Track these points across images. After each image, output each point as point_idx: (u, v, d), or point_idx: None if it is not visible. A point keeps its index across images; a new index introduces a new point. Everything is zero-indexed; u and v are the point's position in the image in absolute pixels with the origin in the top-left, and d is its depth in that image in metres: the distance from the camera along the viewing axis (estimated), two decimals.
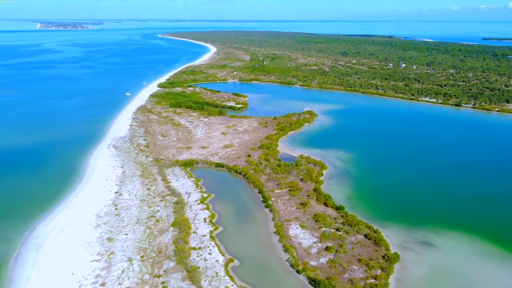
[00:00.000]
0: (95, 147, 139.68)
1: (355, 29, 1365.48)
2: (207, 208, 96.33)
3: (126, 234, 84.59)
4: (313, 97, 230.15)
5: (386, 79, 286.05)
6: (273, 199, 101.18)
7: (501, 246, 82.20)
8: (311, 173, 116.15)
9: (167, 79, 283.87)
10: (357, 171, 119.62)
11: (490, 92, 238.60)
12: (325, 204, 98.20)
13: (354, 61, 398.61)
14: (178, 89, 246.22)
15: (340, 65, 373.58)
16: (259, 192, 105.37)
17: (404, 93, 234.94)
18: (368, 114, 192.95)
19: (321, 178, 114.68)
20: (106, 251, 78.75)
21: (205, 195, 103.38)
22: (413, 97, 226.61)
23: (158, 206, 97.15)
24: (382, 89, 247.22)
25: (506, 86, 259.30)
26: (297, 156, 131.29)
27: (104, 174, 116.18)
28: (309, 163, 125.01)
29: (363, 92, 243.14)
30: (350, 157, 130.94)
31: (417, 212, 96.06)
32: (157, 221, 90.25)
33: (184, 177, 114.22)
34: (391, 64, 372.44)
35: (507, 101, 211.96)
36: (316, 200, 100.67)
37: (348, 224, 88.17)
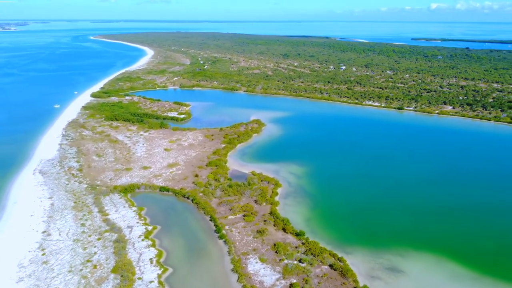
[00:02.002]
0: (17, 174, 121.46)
1: (292, 30, 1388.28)
2: (153, 245, 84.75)
3: None
4: (259, 104, 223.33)
5: (329, 82, 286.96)
6: (227, 227, 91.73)
7: (466, 265, 79.43)
8: (266, 193, 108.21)
9: (102, 88, 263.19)
10: (313, 188, 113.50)
11: (428, 93, 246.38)
12: (284, 230, 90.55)
13: (295, 64, 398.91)
14: (114, 99, 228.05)
15: (282, 68, 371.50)
16: (210, 220, 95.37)
17: (348, 97, 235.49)
18: (316, 121, 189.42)
19: (276, 198, 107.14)
20: None
21: (149, 227, 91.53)
22: (357, 101, 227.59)
23: (95, 246, 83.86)
24: (326, 93, 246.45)
25: (441, 87, 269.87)
26: (248, 173, 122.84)
27: (29, 208, 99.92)
28: (262, 180, 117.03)
29: (308, 97, 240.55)
30: (304, 172, 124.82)
31: (379, 231, 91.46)
32: (95, 266, 77.23)
33: (124, 207, 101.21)
34: (331, 66, 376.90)
35: (445, 103, 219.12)
36: (274, 225, 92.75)
37: (311, 253, 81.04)
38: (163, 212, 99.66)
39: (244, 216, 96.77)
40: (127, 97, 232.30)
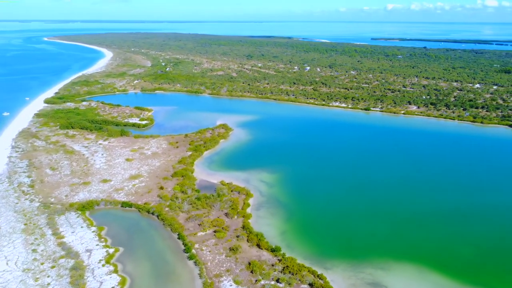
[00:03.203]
0: None
1: (254, 30, 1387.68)
2: (115, 271, 76.45)
3: None
4: (225, 107, 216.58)
5: (294, 83, 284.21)
6: (197, 246, 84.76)
7: (449, 274, 76.58)
8: (237, 205, 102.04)
9: (56, 93, 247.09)
10: (286, 196, 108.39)
11: (392, 93, 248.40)
12: (259, 246, 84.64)
13: (260, 65, 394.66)
14: (70, 105, 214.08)
15: (246, 69, 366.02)
16: (179, 238, 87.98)
17: (314, 99, 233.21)
18: (284, 124, 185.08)
19: (248, 209, 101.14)
20: None
21: (111, 250, 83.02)
22: (324, 102, 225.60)
23: (48, 276, 74.57)
24: (293, 95, 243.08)
25: (404, 87, 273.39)
26: (217, 183, 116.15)
27: None
28: (232, 191, 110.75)
29: (275, 99, 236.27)
30: (275, 179, 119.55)
31: (357, 241, 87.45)
32: None
33: (82, 227, 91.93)
34: (296, 67, 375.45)
35: (409, 103, 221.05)
36: (248, 241, 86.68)
37: (289, 272, 75.57)
38: (125, 231, 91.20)
39: (215, 232, 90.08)
40: (84, 103, 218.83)
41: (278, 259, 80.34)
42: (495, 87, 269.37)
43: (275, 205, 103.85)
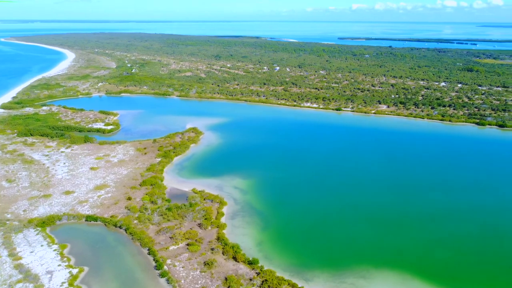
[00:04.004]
0: None
1: (222, 30, 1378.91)
2: None
3: None
4: (194, 110, 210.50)
5: (264, 84, 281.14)
6: (169, 261, 79.34)
7: (431, 280, 74.77)
8: (210, 214, 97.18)
9: (14, 97, 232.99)
10: (261, 203, 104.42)
11: (362, 93, 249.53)
12: (235, 259, 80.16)
13: (229, 65, 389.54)
14: (29, 110, 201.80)
15: (215, 70, 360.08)
16: (149, 253, 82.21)
17: (286, 99, 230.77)
18: (256, 126, 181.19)
19: (223, 219, 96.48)
20: None
21: (74, 270, 76.33)
22: (295, 103, 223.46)
23: None
24: (264, 96, 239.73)
25: (373, 86, 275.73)
26: (189, 192, 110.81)
27: None
28: (205, 199, 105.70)
29: (246, 100, 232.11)
30: (249, 185, 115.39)
31: (337, 249, 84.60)
32: None
33: (42, 245, 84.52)
34: (265, 67, 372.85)
35: (379, 102, 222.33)
36: (223, 253, 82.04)
37: (268, 286, 71.56)
38: (91, 248, 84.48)
39: (188, 245, 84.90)
40: (44, 108, 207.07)
41: (256, 273, 76.19)
42: (459, 85, 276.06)
43: (251, 213, 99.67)
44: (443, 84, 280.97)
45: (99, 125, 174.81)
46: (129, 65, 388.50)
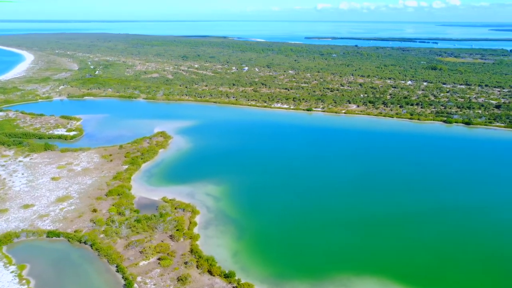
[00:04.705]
0: None
1: (189, 30, 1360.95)
2: None
3: None
4: (162, 113, 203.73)
5: (234, 84, 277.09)
6: (139, 279, 74.17)
7: (411, 284, 73.35)
8: (182, 225, 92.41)
9: None
10: (235, 211, 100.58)
11: (332, 93, 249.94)
12: (210, 272, 75.93)
13: (197, 66, 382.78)
14: None
15: (183, 70, 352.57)
16: (117, 271, 76.61)
17: (256, 100, 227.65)
18: (227, 128, 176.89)
19: (196, 229, 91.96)
20: None
21: None
22: (265, 104, 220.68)
23: None
24: (233, 97, 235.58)
25: (342, 85, 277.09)
26: (159, 201, 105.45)
27: None
28: (176, 208, 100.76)
29: (215, 102, 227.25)
30: (222, 191, 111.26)
31: (316, 256, 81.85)
32: None
33: None
34: (234, 68, 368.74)
35: (349, 102, 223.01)
36: (197, 267, 77.61)
37: None
38: (53, 268, 77.90)
39: (159, 259, 79.89)
40: (0, 113, 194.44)
41: (233, 286, 72.33)
42: (425, 83, 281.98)
43: (225, 221, 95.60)
44: (409, 82, 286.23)
45: (61, 131, 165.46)
46: (92, 66, 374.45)
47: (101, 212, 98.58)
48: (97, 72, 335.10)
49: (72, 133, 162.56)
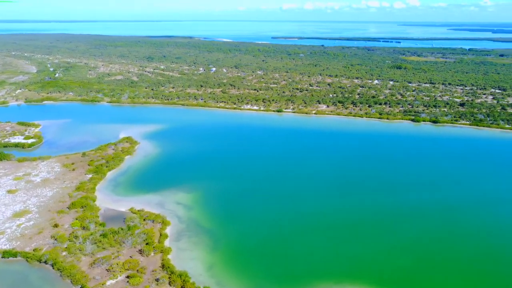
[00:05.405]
0: None
1: (153, 30, 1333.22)
2: None
3: None
4: (128, 117, 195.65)
5: (201, 86, 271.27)
6: None
7: None
8: (152, 238, 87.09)
9: None
10: (208, 220, 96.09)
11: (301, 93, 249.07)
12: None
13: (162, 67, 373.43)
14: None
15: (148, 72, 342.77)
16: None
17: (225, 102, 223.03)
18: (197, 132, 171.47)
19: (167, 242, 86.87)
20: None
21: None
22: (235, 105, 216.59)
23: None
24: (201, 99, 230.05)
25: (310, 85, 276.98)
26: (126, 212, 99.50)
27: None
28: (145, 219, 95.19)
29: (183, 105, 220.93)
30: (194, 199, 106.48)
31: (294, 266, 78.74)
32: None
33: None
34: (201, 69, 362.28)
35: (319, 102, 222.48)
36: (170, 284, 72.79)
37: None
38: None
39: (128, 277, 74.40)
40: None
41: None
42: (391, 82, 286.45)
43: (198, 232, 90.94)
44: (376, 82, 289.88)
45: (18, 139, 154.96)
46: (52, 69, 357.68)
47: (63, 227, 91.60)
48: (57, 75, 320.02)
49: (30, 141, 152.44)
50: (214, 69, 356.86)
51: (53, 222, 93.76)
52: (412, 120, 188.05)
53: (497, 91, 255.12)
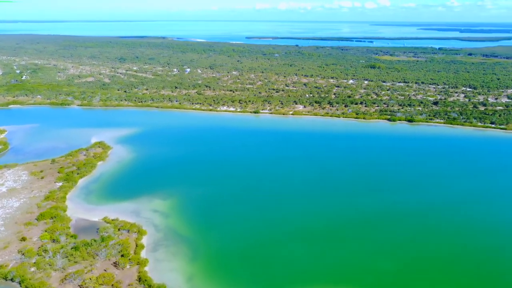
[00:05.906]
0: None
1: (125, 30, 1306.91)
2: None
3: None
4: (100, 121, 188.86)
5: (176, 87, 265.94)
6: None
7: None
8: (128, 249, 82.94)
9: None
10: (187, 228, 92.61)
11: (277, 93, 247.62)
12: None
13: (135, 68, 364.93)
14: None
15: (121, 73, 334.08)
16: None
17: (201, 104, 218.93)
18: (172, 135, 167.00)
19: (143, 253, 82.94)
20: None
21: None
22: (211, 107, 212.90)
23: None
24: (176, 101, 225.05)
25: (286, 86, 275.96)
26: (100, 222, 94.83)
27: None
28: (119, 229, 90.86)
29: (157, 107, 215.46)
30: (171, 206, 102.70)
31: (277, 274, 76.33)
32: None
33: None
34: (175, 69, 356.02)
35: (295, 102, 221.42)
36: None
37: None
38: None
39: None
40: None
41: None
42: (366, 82, 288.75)
43: (176, 241, 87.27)
44: (351, 81, 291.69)
45: None
46: (18, 71, 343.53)
47: (32, 241, 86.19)
48: (24, 77, 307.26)
49: None
50: (188, 70, 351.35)
51: (20, 235, 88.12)
52: (388, 119, 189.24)
53: (468, 89, 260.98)
